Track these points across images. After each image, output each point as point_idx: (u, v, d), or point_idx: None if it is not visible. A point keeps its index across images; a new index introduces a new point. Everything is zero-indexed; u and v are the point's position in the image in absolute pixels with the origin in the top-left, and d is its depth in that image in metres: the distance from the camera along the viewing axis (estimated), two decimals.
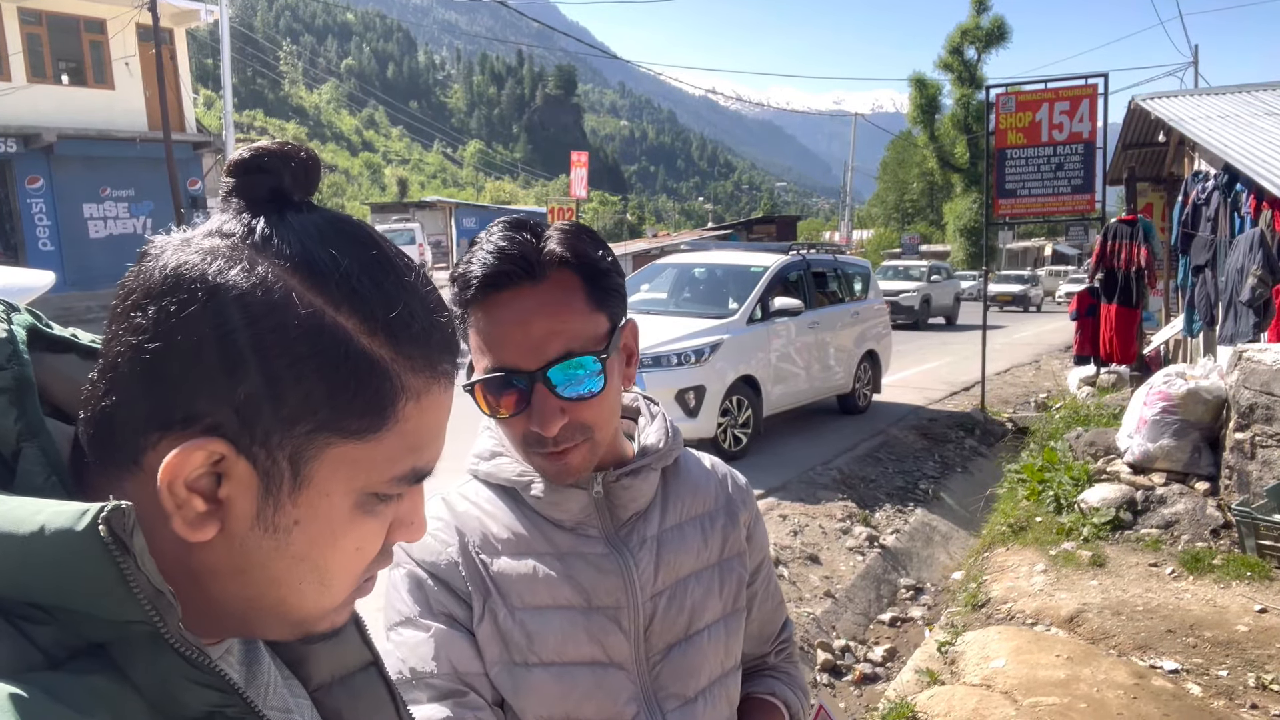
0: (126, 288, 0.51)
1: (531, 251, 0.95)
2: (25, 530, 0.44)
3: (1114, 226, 9.98)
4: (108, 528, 0.44)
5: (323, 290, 0.51)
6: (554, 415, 0.96)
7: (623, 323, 1.03)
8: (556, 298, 0.95)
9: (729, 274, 8.95)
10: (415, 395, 0.54)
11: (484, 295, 0.95)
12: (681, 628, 1.09)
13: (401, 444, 0.54)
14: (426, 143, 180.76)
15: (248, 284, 0.49)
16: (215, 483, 0.50)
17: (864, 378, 10.01)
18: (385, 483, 0.55)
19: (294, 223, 0.53)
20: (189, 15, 20.82)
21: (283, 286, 0.50)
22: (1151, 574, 4.86)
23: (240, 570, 0.53)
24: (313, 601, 0.56)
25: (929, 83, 49.59)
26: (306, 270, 0.51)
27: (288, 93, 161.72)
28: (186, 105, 20.92)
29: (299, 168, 0.54)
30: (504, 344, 0.95)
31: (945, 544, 6.48)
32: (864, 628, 5.03)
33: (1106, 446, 6.55)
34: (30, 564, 0.45)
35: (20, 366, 0.52)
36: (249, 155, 0.54)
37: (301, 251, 0.51)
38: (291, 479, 0.52)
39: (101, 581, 0.45)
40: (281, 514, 0.52)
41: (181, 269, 0.49)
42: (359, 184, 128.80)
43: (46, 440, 0.51)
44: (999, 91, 10.19)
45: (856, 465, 7.72)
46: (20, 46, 18.21)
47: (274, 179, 0.53)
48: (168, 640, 0.47)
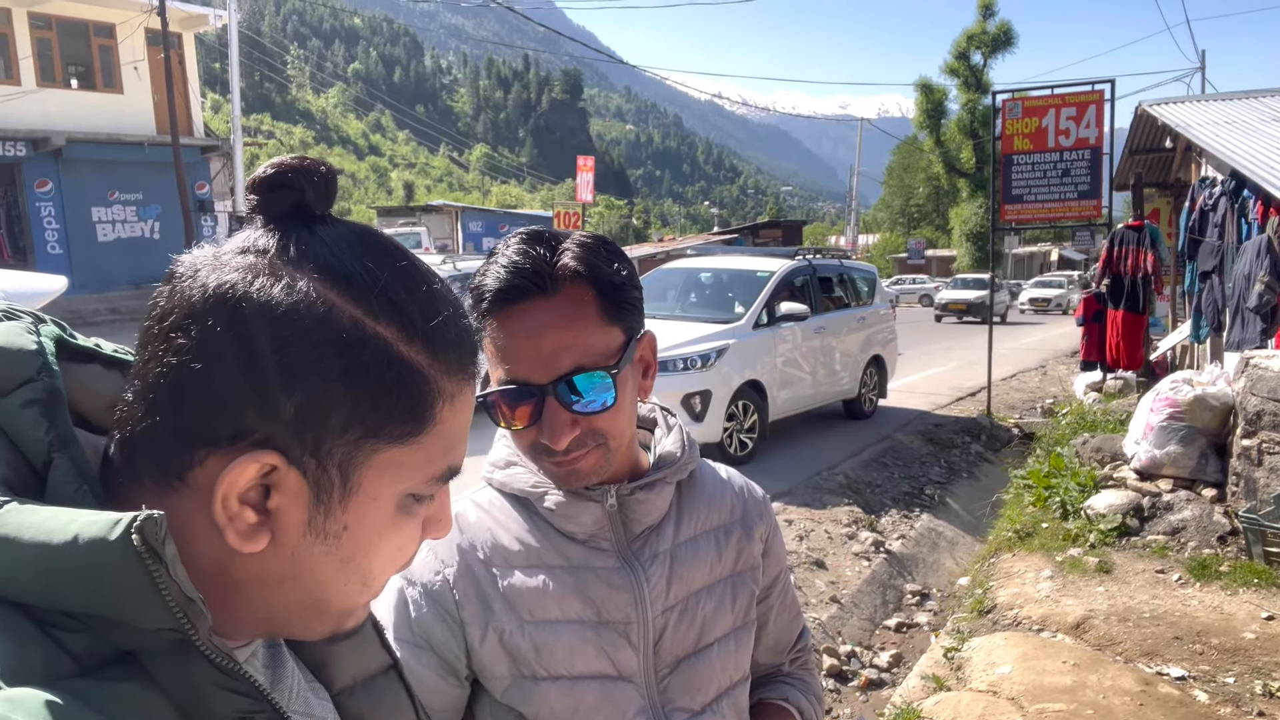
0: (162, 308, 0.52)
1: (544, 266, 0.96)
2: (59, 539, 0.45)
3: (1120, 232, 9.97)
4: (140, 536, 0.45)
5: (361, 301, 0.52)
6: (564, 428, 0.96)
7: (638, 336, 1.03)
8: (569, 312, 0.96)
9: (735, 279, 8.96)
10: (450, 398, 0.56)
11: (497, 308, 0.96)
12: (691, 641, 1.08)
13: (439, 445, 0.56)
14: (433, 146, 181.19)
15: (291, 299, 0.50)
16: (264, 494, 0.51)
17: (870, 383, 10.00)
18: (424, 483, 0.57)
19: (324, 236, 0.54)
20: (198, 20, 20.94)
21: (324, 300, 0.51)
22: (1158, 581, 4.85)
23: (291, 577, 0.55)
24: (354, 600, 0.58)
25: (935, 88, 49.62)
26: (344, 283, 0.52)
27: (295, 96, 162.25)
28: (194, 109, 21.03)
29: (320, 182, 0.55)
30: (516, 357, 0.96)
31: (951, 550, 6.48)
32: (870, 633, 5.02)
33: (1113, 453, 6.54)
34: (63, 572, 0.45)
35: (50, 378, 0.53)
36: (273, 172, 0.55)
37: (337, 264, 0.53)
38: (341, 486, 0.53)
39: (134, 589, 0.46)
40: (332, 520, 0.54)
41: (223, 288, 0.50)
42: (365, 187, 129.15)
43: (77, 451, 0.52)
44: (1005, 97, 10.19)
45: (862, 470, 7.72)
46: (30, 51, 18.32)
47: (296, 194, 0.55)
48: (198, 647, 0.48)
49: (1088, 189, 9.75)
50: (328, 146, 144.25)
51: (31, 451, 0.51)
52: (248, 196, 0.55)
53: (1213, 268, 8.09)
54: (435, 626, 1.02)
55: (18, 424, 0.51)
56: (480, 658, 1.03)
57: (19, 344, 0.53)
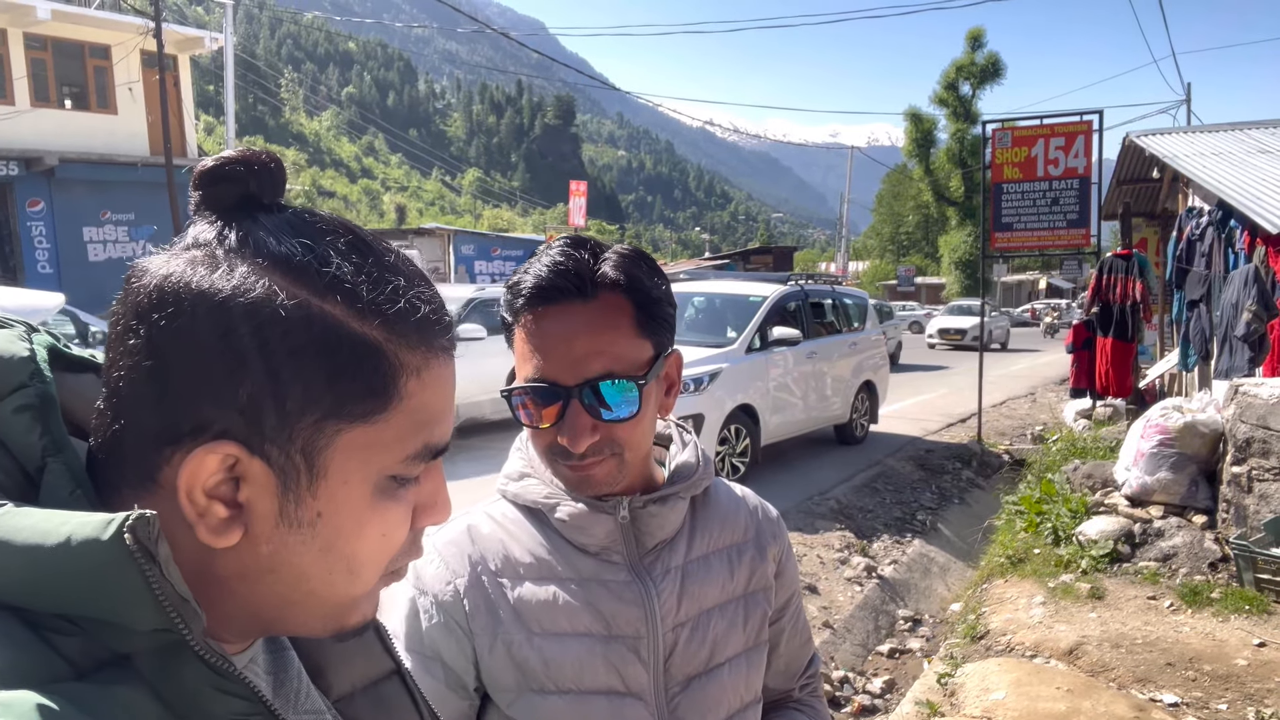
0: (116, 312, 0.52)
1: (585, 270, 0.97)
2: (52, 541, 0.45)
3: (1109, 261, 10.07)
4: (133, 536, 0.45)
5: (305, 281, 0.52)
6: (585, 433, 0.96)
7: (668, 352, 1.03)
8: (604, 319, 0.96)
9: (727, 303, 9.00)
10: (415, 371, 0.55)
11: (534, 305, 0.97)
12: (703, 660, 1.08)
13: (410, 421, 0.55)
14: (425, 170, 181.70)
15: (230, 286, 0.50)
16: (234, 488, 0.51)
17: (861, 408, 10.03)
18: (400, 463, 0.55)
19: (266, 223, 0.53)
20: (193, 42, 21.03)
21: (265, 284, 0.50)
22: (1150, 607, 4.85)
23: (270, 570, 0.54)
24: (343, 591, 0.56)
25: (924, 117, 50.18)
26: (285, 265, 0.52)
27: (289, 119, 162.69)
28: (189, 130, 21.05)
29: (263, 171, 0.55)
30: (546, 356, 0.96)
31: (943, 575, 6.47)
32: (862, 659, 5.01)
33: (1104, 479, 6.57)
34: (57, 574, 0.45)
35: (43, 384, 0.53)
36: (213, 164, 0.54)
37: (277, 247, 0.52)
38: (308, 472, 0.52)
39: (127, 590, 0.45)
40: (303, 508, 0.52)
41: (165, 283, 0.50)
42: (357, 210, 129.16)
43: (71, 456, 0.51)
44: (995, 126, 10.32)
45: (854, 495, 7.72)
46: (25, 71, 18.34)
47: (240, 185, 0.54)
48: (193, 649, 0.48)
49: (1076, 218, 9.86)
50: (320, 169, 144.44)
51: (25, 456, 0.51)
52: (192, 193, 0.55)
53: (1200, 296, 8.18)
54: (445, 637, 1.02)
55: (11, 429, 0.51)
56: (489, 670, 1.02)
57: (11, 351, 0.53)
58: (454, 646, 1.03)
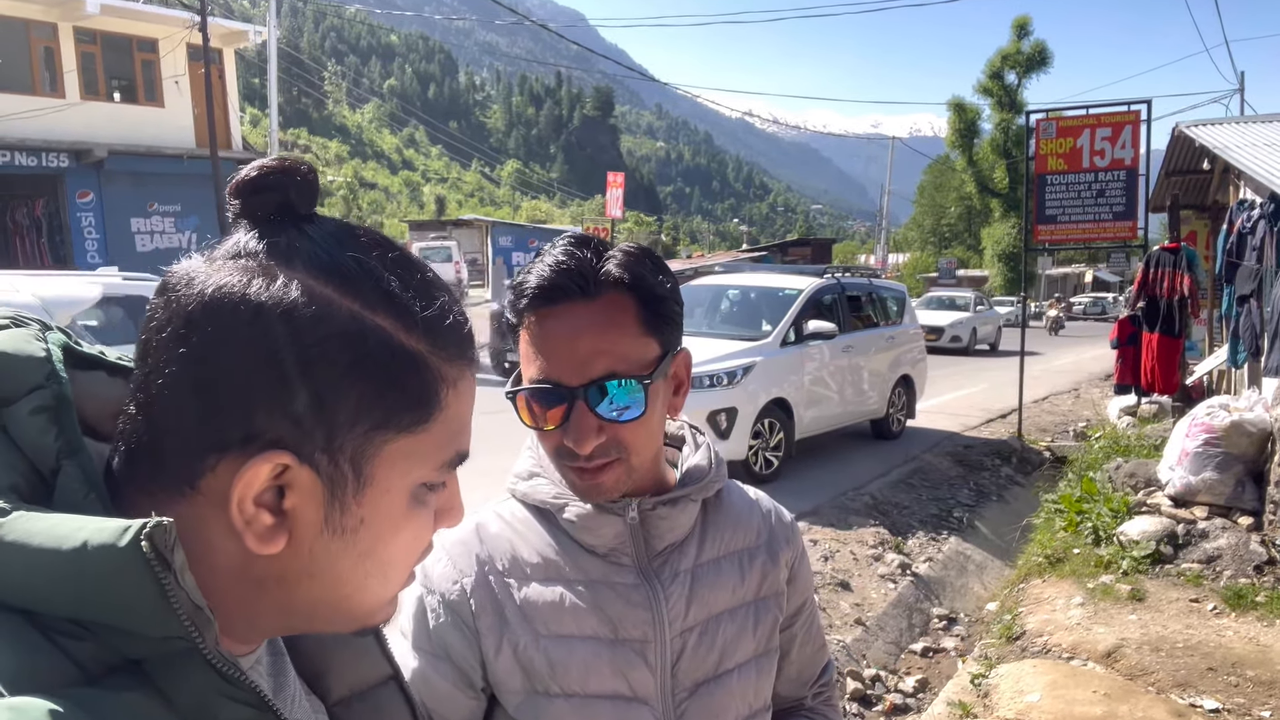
0: (159, 320, 0.52)
1: (588, 269, 0.95)
2: (67, 546, 0.45)
3: (1157, 254, 9.83)
4: (150, 543, 0.45)
5: (357, 295, 0.53)
6: (590, 433, 0.95)
7: (675, 350, 1.01)
8: (607, 318, 0.95)
9: (763, 296, 8.93)
10: (453, 383, 0.57)
11: (537, 306, 0.96)
12: (711, 666, 1.06)
13: (446, 431, 0.57)
14: (465, 162, 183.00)
15: (288, 298, 0.50)
16: (277, 495, 0.51)
17: (898, 403, 9.91)
18: (435, 471, 0.57)
19: (312, 234, 0.54)
20: (238, 36, 21.36)
21: (321, 296, 0.51)
22: (1192, 610, 4.74)
23: (310, 574, 0.54)
24: (375, 595, 0.58)
25: (968, 107, 49.38)
26: (338, 278, 0.52)
27: (331, 112, 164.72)
28: (233, 123, 21.40)
29: (303, 182, 0.55)
30: (550, 357, 0.95)
31: (980, 574, 6.38)
32: (895, 657, 4.95)
33: (1147, 478, 6.42)
34: (71, 579, 0.45)
35: (59, 385, 0.52)
36: (256, 175, 0.55)
37: (329, 260, 0.53)
38: (355, 480, 0.53)
39: (142, 597, 0.45)
40: (348, 516, 0.54)
41: (220, 293, 0.50)
42: (398, 201, 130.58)
43: (85, 458, 0.51)
44: (1040, 116, 10.11)
45: (889, 491, 7.64)
46: (75, 64, 18.74)
47: (279, 195, 0.55)
48: (205, 656, 0.48)
49: (1123, 210, 9.63)
50: (362, 161, 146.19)
51: (40, 458, 0.51)
52: (230, 201, 0.55)
53: (1251, 291, 7.94)
54: (453, 636, 1.02)
55: (26, 431, 0.51)
56: (495, 671, 1.02)
57: (27, 351, 0.53)
58: (461, 646, 1.02)
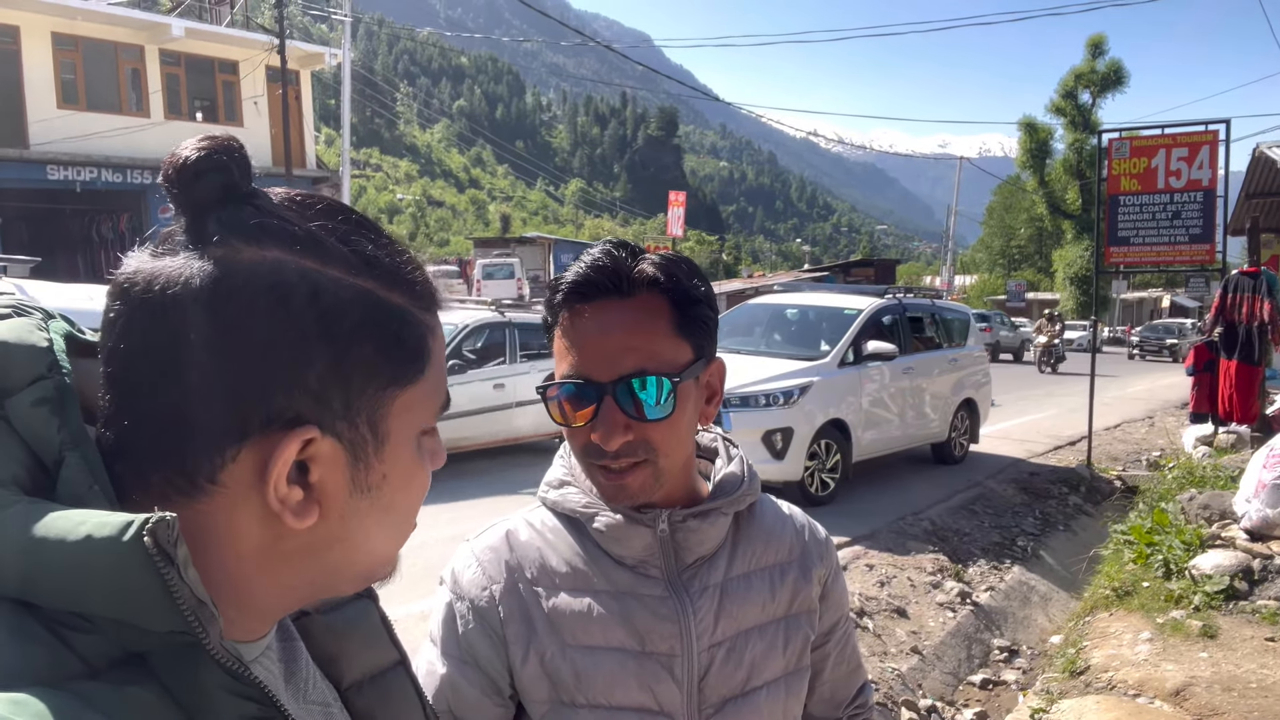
0: (136, 324, 0.50)
1: (624, 268, 0.97)
2: (70, 539, 0.45)
3: (1235, 278, 9.49)
4: (152, 538, 0.45)
5: (337, 262, 0.53)
6: (617, 430, 0.95)
7: (707, 356, 1.02)
8: (641, 316, 0.96)
9: (821, 315, 8.85)
10: (432, 330, 0.59)
11: (572, 301, 0.97)
12: (739, 682, 1.04)
13: (435, 377, 0.59)
14: (530, 180, 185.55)
15: (281, 278, 0.50)
16: (300, 469, 0.52)
17: (960, 426, 9.70)
18: (430, 416, 0.59)
19: (270, 209, 0.53)
20: (315, 58, 22.09)
21: (307, 270, 0.51)
22: (1268, 649, 4.52)
23: (340, 538, 0.56)
24: (389, 549, 0.60)
25: (1040, 127, 48.29)
26: (315, 248, 0.53)
27: (402, 132, 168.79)
28: (308, 143, 22.11)
29: (241, 159, 0.54)
30: (583, 352, 0.96)
31: (1044, 605, 6.19)
32: (953, 688, 4.82)
33: (1222, 510, 6.16)
34: (74, 573, 0.45)
35: (61, 375, 0.52)
36: (195, 158, 0.52)
37: (300, 233, 0.53)
38: (374, 439, 0.55)
39: (145, 592, 0.45)
40: (372, 473, 0.55)
41: (206, 284, 0.49)
42: (464, 219, 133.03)
43: (89, 450, 0.50)
44: (1113, 136, 9.87)
45: (950, 517, 7.46)
46: (160, 85, 19.60)
47: (224, 176, 0.53)
48: (208, 651, 0.47)
49: (1200, 232, 9.31)
50: (431, 179, 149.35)
51: (42, 450, 0.50)
52: (171, 189, 0.53)
53: None
54: (481, 643, 1.02)
55: (29, 422, 0.50)
56: (522, 679, 1.02)
57: (29, 341, 0.52)
58: (489, 652, 1.02)
